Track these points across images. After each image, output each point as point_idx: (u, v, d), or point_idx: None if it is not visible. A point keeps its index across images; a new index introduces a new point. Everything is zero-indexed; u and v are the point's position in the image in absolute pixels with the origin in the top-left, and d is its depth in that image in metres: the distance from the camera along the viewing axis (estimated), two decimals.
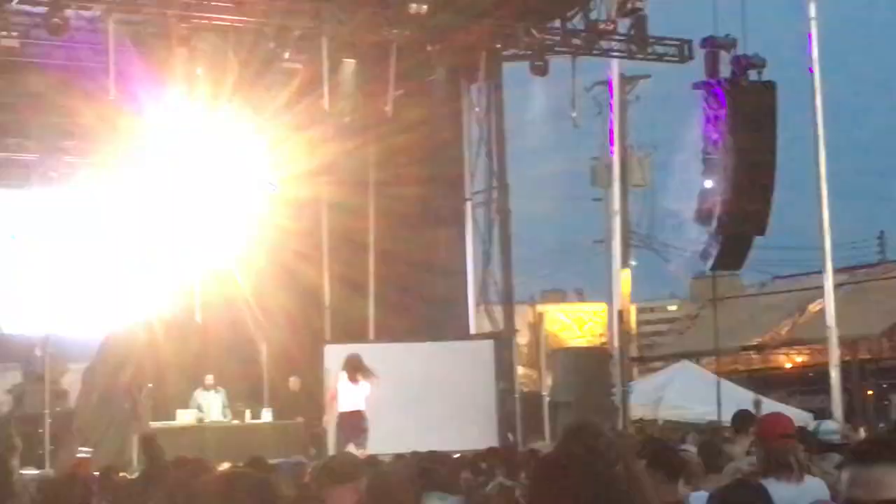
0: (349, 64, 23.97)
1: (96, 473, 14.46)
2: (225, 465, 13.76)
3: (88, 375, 25.38)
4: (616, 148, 31.63)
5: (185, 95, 23.93)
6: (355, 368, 21.72)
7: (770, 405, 26.76)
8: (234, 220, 28.32)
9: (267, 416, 23.84)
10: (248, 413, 23.81)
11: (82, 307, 27.76)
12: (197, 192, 26.32)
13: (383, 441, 20.65)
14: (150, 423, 23.02)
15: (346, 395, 21.70)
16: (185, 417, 23.18)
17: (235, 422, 23.61)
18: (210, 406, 23.51)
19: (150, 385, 24.40)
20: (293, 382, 25.39)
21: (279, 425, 23.73)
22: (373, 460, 10.34)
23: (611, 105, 31.48)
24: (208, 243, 28.29)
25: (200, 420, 23.21)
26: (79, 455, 21.89)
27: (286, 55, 22.85)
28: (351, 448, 20.29)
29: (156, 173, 26.55)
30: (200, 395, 23.69)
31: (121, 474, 15.24)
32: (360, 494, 7.75)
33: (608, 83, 31.54)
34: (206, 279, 28.36)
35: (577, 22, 24.89)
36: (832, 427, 11.93)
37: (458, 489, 7.53)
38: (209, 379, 23.83)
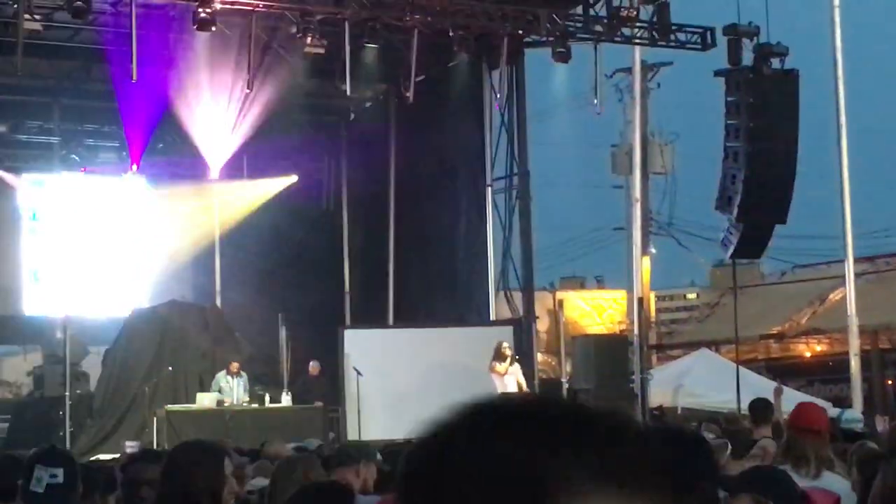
0: (371, 49, 23.97)
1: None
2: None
3: (109, 358, 25.46)
4: (637, 135, 31.58)
5: (207, 79, 23.98)
6: (497, 354, 23.02)
7: (790, 394, 26.71)
8: (255, 203, 28.41)
9: (286, 400, 23.87)
10: (267, 397, 23.85)
11: (103, 290, 27.86)
12: (218, 176, 26.38)
13: (402, 427, 20.65)
14: (170, 405, 23.10)
15: (499, 379, 22.86)
16: (204, 401, 23.23)
17: (255, 405, 23.66)
18: (232, 390, 23.57)
19: (169, 368, 24.49)
20: (313, 367, 25.44)
21: (298, 409, 23.77)
22: (389, 445, 10.35)
23: (632, 92, 31.43)
24: (228, 227, 28.39)
25: (220, 403, 23.25)
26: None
27: (308, 40, 22.83)
28: None
29: (175, 155, 26.69)
30: (223, 380, 23.72)
31: None
32: (362, 476, 7.96)
33: (630, 70, 31.51)
34: (226, 263, 28.48)
35: (600, 9, 24.83)
36: (856, 416, 11.94)
37: None
38: (234, 365, 23.85)
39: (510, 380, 22.88)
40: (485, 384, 23.07)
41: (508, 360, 22.97)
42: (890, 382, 37.72)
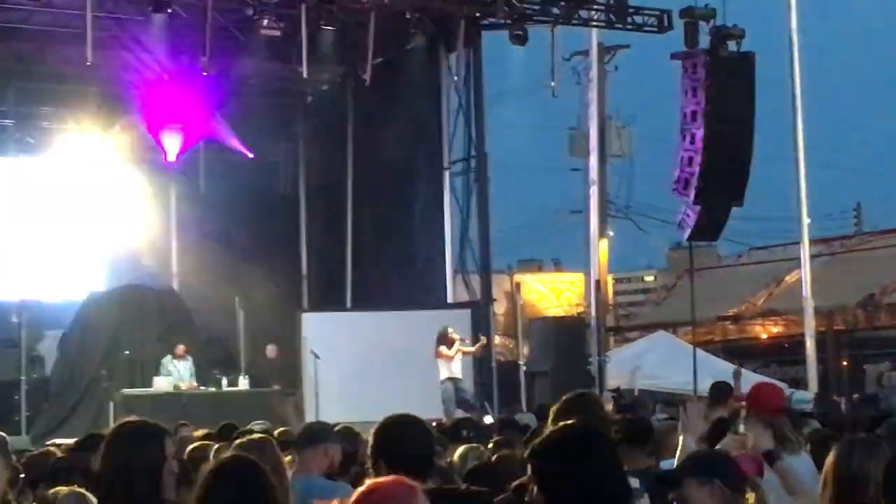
0: (328, 32, 23.89)
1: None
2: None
3: (65, 342, 25.33)
4: (594, 118, 31.59)
5: (163, 62, 23.86)
6: (443, 339, 22.77)
7: (748, 375, 26.83)
8: (210, 187, 28.30)
9: (244, 383, 23.84)
10: (224, 380, 23.81)
11: (59, 274, 27.68)
12: (172, 158, 26.25)
13: (359, 409, 20.64)
14: (127, 390, 23.02)
15: (446, 364, 22.76)
16: (161, 385, 23.17)
17: (212, 389, 23.62)
18: (180, 373, 23.56)
19: (126, 353, 24.40)
20: (270, 350, 25.40)
21: (255, 393, 23.74)
22: (347, 430, 10.35)
23: (589, 75, 31.43)
24: (184, 210, 28.26)
25: (177, 387, 23.19)
26: None
27: (265, 22, 22.74)
28: (459, 413, 20.96)
29: (128, 138, 26.54)
30: (170, 364, 23.71)
31: None
32: (330, 457, 7.98)
33: (587, 53, 31.51)
34: (182, 247, 28.35)
35: None
36: (807, 397, 12.05)
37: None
38: (180, 348, 23.86)
39: (455, 364, 22.81)
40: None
41: (456, 343, 22.89)
42: (845, 363, 37.99)
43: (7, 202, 27.56)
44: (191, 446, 9.68)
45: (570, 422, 4.77)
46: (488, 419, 20.87)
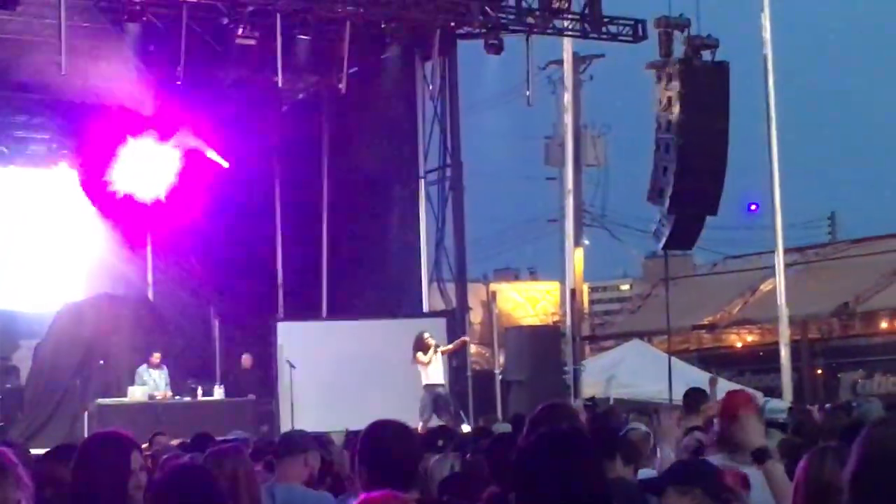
0: (303, 40, 23.89)
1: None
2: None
3: (40, 352, 25.25)
4: (569, 127, 31.65)
5: (138, 71, 23.81)
6: (419, 344, 22.70)
7: (723, 384, 26.87)
8: (185, 197, 28.22)
9: (219, 392, 23.81)
10: (200, 390, 23.77)
11: (34, 283, 27.59)
12: (148, 168, 26.20)
13: (335, 418, 20.63)
14: (101, 399, 22.96)
15: (424, 370, 22.71)
16: (136, 394, 23.12)
17: (187, 398, 23.58)
18: (155, 383, 23.51)
19: (101, 362, 24.33)
20: (245, 359, 25.36)
21: (231, 402, 23.71)
22: (323, 438, 10.36)
23: (564, 84, 31.50)
24: (159, 219, 28.17)
25: (152, 396, 23.15)
26: None
27: (239, 31, 22.73)
28: (435, 420, 20.93)
29: (105, 148, 26.45)
30: (146, 373, 23.65)
31: None
32: (310, 466, 7.98)
33: (562, 62, 31.59)
34: (157, 256, 28.27)
35: (532, 0, 24.90)
36: (780, 406, 12.12)
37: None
38: (155, 358, 23.81)
39: (434, 369, 22.79)
40: (417, 375, 23.11)
41: (432, 349, 22.90)
42: (819, 372, 38.07)
43: None
44: (164, 457, 9.66)
45: (552, 426, 4.76)
46: (465, 428, 20.87)
